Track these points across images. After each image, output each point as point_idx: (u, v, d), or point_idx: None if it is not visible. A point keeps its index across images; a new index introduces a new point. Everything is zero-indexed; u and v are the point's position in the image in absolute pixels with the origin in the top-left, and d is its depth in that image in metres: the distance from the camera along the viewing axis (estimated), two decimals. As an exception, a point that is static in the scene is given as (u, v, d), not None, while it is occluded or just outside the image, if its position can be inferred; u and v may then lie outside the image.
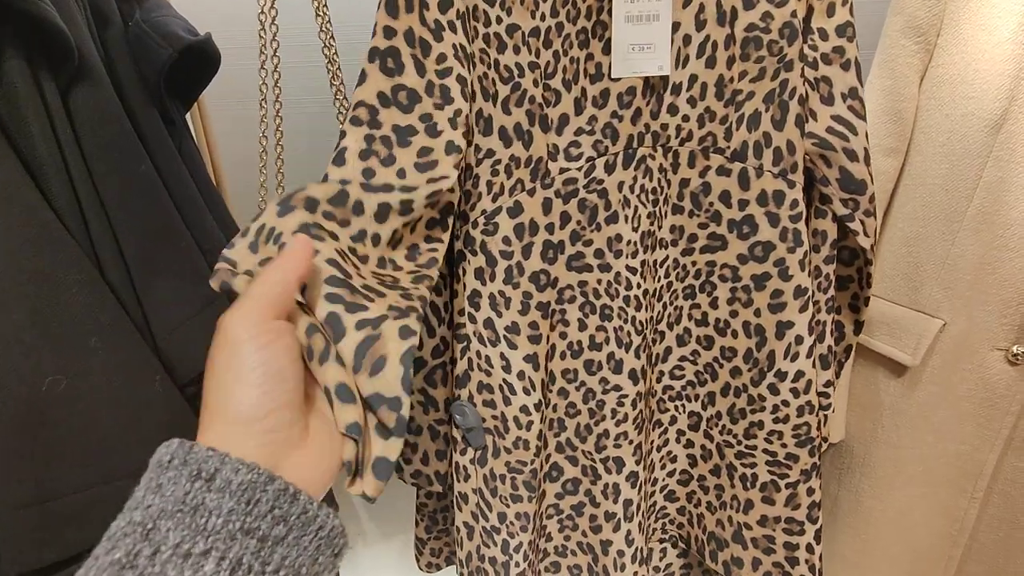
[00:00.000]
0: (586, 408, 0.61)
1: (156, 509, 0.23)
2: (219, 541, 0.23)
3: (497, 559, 0.63)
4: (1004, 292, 0.60)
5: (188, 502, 0.23)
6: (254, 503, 0.24)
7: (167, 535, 0.23)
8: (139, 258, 0.56)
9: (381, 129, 0.48)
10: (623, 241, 0.57)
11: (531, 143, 0.54)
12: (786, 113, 0.53)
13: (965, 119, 0.59)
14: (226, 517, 0.23)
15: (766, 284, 0.56)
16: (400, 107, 0.49)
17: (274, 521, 0.24)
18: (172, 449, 0.25)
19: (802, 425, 0.58)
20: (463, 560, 0.68)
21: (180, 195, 0.62)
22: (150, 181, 0.58)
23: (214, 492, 0.24)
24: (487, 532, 0.63)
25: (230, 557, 0.23)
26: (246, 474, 0.24)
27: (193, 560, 0.22)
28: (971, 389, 0.64)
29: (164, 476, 0.24)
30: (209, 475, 0.24)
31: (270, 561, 0.24)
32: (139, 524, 0.23)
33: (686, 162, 0.56)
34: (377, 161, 0.47)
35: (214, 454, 0.25)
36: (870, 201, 0.55)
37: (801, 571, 0.61)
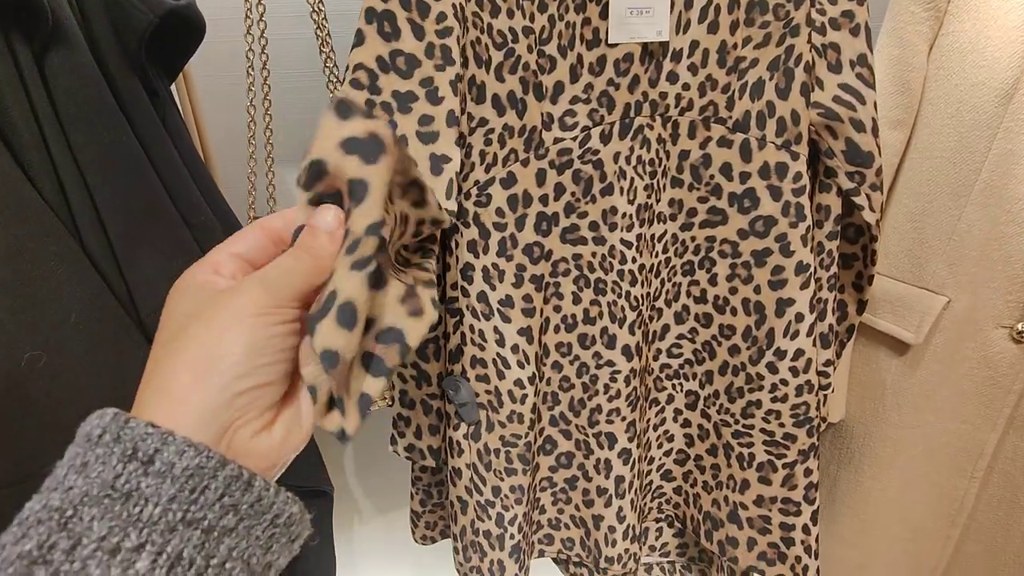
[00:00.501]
0: (580, 382, 0.60)
1: (78, 493, 0.20)
2: (155, 534, 0.19)
3: (492, 532, 0.63)
4: (1010, 268, 0.59)
5: (119, 487, 0.20)
6: (200, 491, 0.21)
7: (90, 525, 0.19)
8: (122, 232, 0.54)
9: (381, 95, 0.47)
10: (618, 214, 0.55)
11: (525, 112, 0.52)
12: (791, 81, 0.51)
13: (975, 89, 0.57)
14: (165, 506, 0.20)
15: (767, 260, 0.55)
16: (399, 72, 0.47)
17: (223, 511, 0.21)
18: (104, 421, 0.21)
19: (800, 405, 0.57)
20: (458, 534, 0.67)
21: (164, 167, 0.60)
22: (132, 152, 0.56)
23: (152, 476, 0.20)
24: (481, 506, 0.63)
25: (168, 551, 0.19)
26: (192, 458, 0.21)
27: (123, 556, 0.19)
28: (974, 368, 0.63)
29: (91, 453, 0.20)
30: (147, 456, 0.20)
31: (215, 554, 0.21)
32: (56, 510, 0.19)
33: (686, 133, 0.54)
34: None
35: (154, 432, 0.21)
36: (877, 174, 0.53)
37: (797, 552, 0.60)
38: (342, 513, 1.15)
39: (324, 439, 0.97)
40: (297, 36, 0.71)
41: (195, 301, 0.24)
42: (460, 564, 0.69)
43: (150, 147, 0.59)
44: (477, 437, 0.60)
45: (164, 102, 0.65)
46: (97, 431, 0.21)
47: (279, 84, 0.65)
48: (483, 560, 0.65)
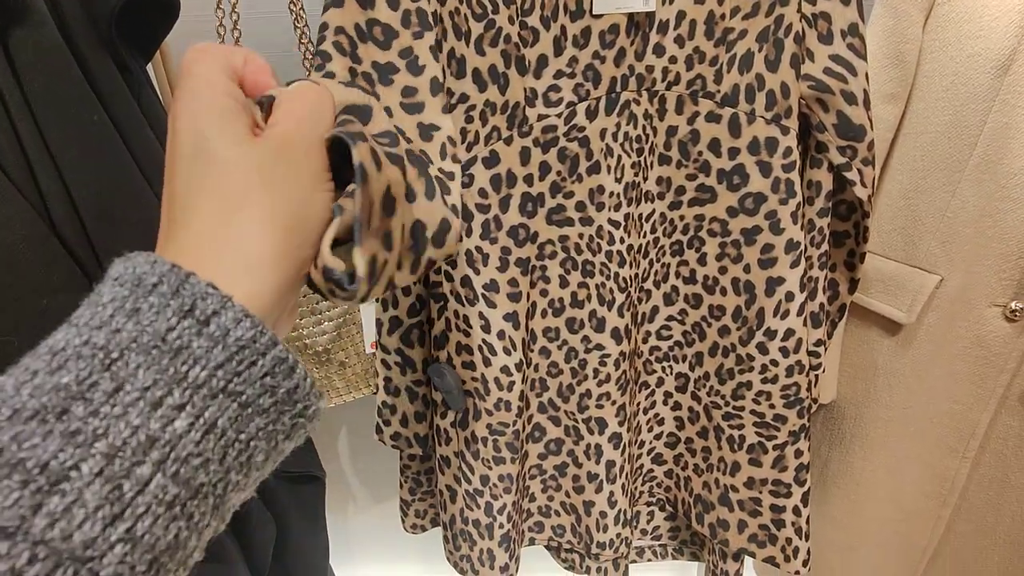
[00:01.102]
0: (568, 368, 0.59)
1: (127, 337, 0.19)
2: (197, 397, 0.19)
3: (481, 521, 0.62)
4: (1004, 246, 0.58)
5: (170, 340, 0.19)
6: (247, 365, 0.20)
7: (135, 372, 0.18)
8: (96, 215, 0.53)
9: (362, 65, 0.46)
10: (605, 193, 0.54)
11: (507, 87, 0.50)
12: (781, 53, 0.50)
13: (971, 60, 0.55)
14: (211, 371, 0.19)
15: (756, 238, 0.54)
16: (377, 43, 0.46)
17: (263, 389, 0.20)
18: (160, 270, 0.20)
19: (791, 385, 0.56)
20: (447, 523, 0.67)
21: (140, 148, 0.59)
22: (105, 131, 0.55)
23: (204, 338, 0.19)
24: (470, 495, 0.62)
25: (206, 416, 0.19)
26: (248, 329, 0.20)
27: (164, 411, 0.18)
28: (966, 347, 0.62)
29: (144, 300, 0.19)
30: (204, 316, 0.19)
31: (244, 429, 0.20)
32: (100, 348, 0.18)
33: (673, 108, 0.53)
34: None
35: (215, 293, 0.20)
36: (869, 148, 0.51)
37: (787, 534, 0.59)
38: (337, 499, 1.15)
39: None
40: (271, 13, 0.69)
41: (235, 123, 0.23)
42: (450, 553, 0.69)
43: (124, 126, 0.57)
44: (464, 425, 0.59)
45: (139, 81, 0.63)
46: (152, 278, 0.19)
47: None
48: (472, 549, 0.64)
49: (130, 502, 0.17)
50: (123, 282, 0.20)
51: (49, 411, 0.17)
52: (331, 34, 0.45)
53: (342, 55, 0.45)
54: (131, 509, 0.17)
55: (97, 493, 0.17)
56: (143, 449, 0.18)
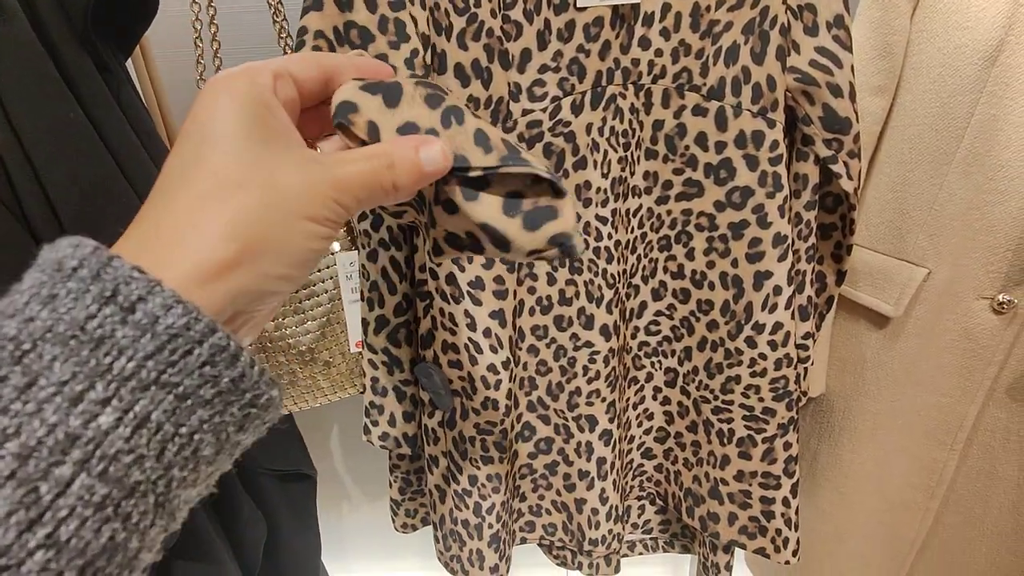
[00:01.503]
0: (557, 365, 0.59)
1: (40, 327, 0.17)
2: (124, 390, 0.17)
3: (470, 521, 0.62)
4: (991, 238, 0.58)
5: (89, 330, 0.17)
6: (181, 355, 0.18)
7: (50, 365, 0.17)
8: (75, 215, 0.52)
9: None
10: (592, 188, 0.53)
11: (491, 82, 0.49)
12: (767, 45, 0.49)
13: (958, 51, 0.55)
14: (140, 362, 0.18)
15: (744, 232, 0.53)
16: (353, 47, 0.46)
17: (202, 380, 0.19)
18: (82, 252, 0.18)
19: (780, 379, 0.56)
20: (437, 522, 0.67)
21: (120, 147, 0.58)
22: (83, 130, 0.54)
23: (130, 327, 0.18)
24: (459, 495, 0.62)
25: (136, 411, 0.18)
26: (180, 316, 0.18)
27: (85, 407, 0.17)
28: (954, 340, 0.62)
29: (62, 286, 0.18)
30: (128, 303, 0.18)
31: (185, 423, 0.19)
32: (10, 340, 0.17)
33: (659, 101, 0.52)
34: None
35: (141, 277, 0.18)
36: (854, 141, 0.51)
37: (777, 525, 0.60)
38: (329, 498, 1.15)
39: (305, 422, 0.96)
40: (248, 8, 0.68)
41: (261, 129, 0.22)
42: (441, 553, 0.68)
43: (102, 124, 0.56)
44: (452, 425, 0.59)
45: (118, 79, 0.62)
46: (71, 262, 0.18)
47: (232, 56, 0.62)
48: (462, 549, 0.64)
49: (49, 505, 0.16)
50: (43, 267, 0.18)
51: None
52: (310, 38, 0.44)
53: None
54: (51, 512, 0.16)
55: (9, 497, 0.16)
56: (61, 448, 0.16)
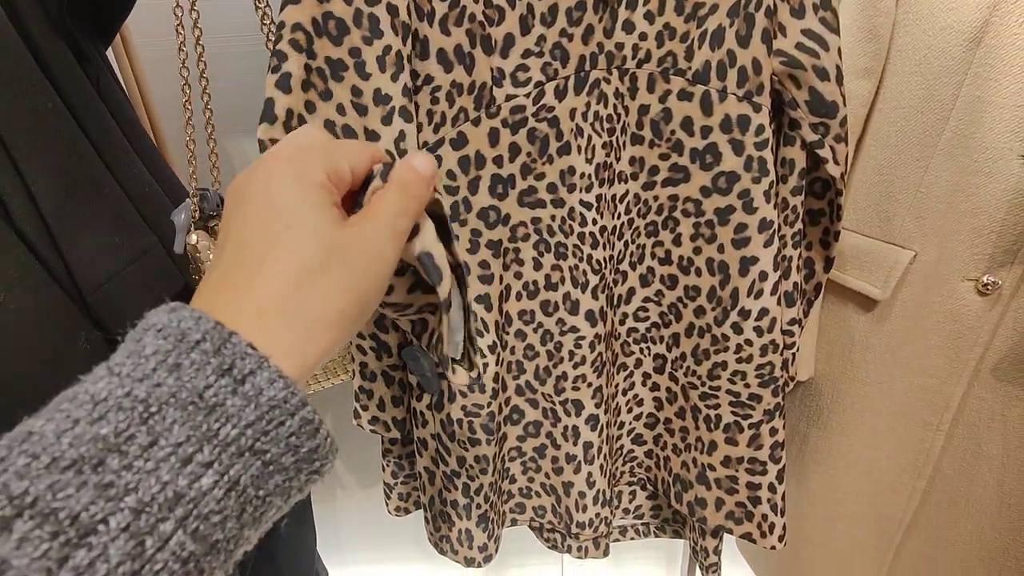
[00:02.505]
0: (544, 350, 0.59)
1: (166, 392, 0.19)
2: (225, 455, 0.19)
3: (459, 502, 0.63)
4: (976, 220, 0.58)
5: (207, 398, 0.19)
6: (276, 424, 0.20)
7: (171, 428, 0.19)
8: (56, 206, 0.51)
9: (316, 60, 0.45)
10: (576, 174, 0.53)
11: (473, 67, 0.49)
12: (752, 28, 0.49)
13: (943, 33, 0.54)
14: (242, 430, 0.19)
15: (730, 218, 0.53)
16: (330, 38, 0.45)
17: (287, 449, 0.21)
18: (205, 327, 0.20)
19: (765, 365, 0.56)
20: (427, 504, 0.67)
21: (100, 137, 0.57)
22: (62, 120, 0.53)
23: (239, 397, 0.20)
24: (447, 476, 0.62)
25: (231, 474, 0.19)
26: (280, 390, 0.20)
27: (193, 468, 0.18)
28: (940, 321, 0.63)
29: (187, 357, 0.20)
30: (241, 376, 0.20)
31: (264, 486, 0.20)
32: (141, 402, 0.18)
33: (644, 86, 0.52)
34: (316, 94, 0.45)
35: (254, 353, 0.20)
36: (841, 125, 0.51)
37: (763, 510, 0.60)
38: (323, 486, 1.15)
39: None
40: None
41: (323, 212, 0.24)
42: (431, 534, 0.69)
43: (82, 114, 0.55)
44: (440, 408, 0.59)
45: (97, 68, 0.61)
46: (195, 335, 0.20)
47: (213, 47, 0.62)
48: (451, 529, 0.65)
49: (150, 559, 0.17)
50: (167, 335, 0.20)
51: (86, 462, 0.17)
52: (288, 32, 0.44)
53: (298, 52, 0.44)
54: (150, 566, 0.17)
55: (121, 548, 0.17)
56: (169, 505, 0.18)
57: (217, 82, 0.62)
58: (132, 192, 0.60)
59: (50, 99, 0.52)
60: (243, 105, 0.69)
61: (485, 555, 0.66)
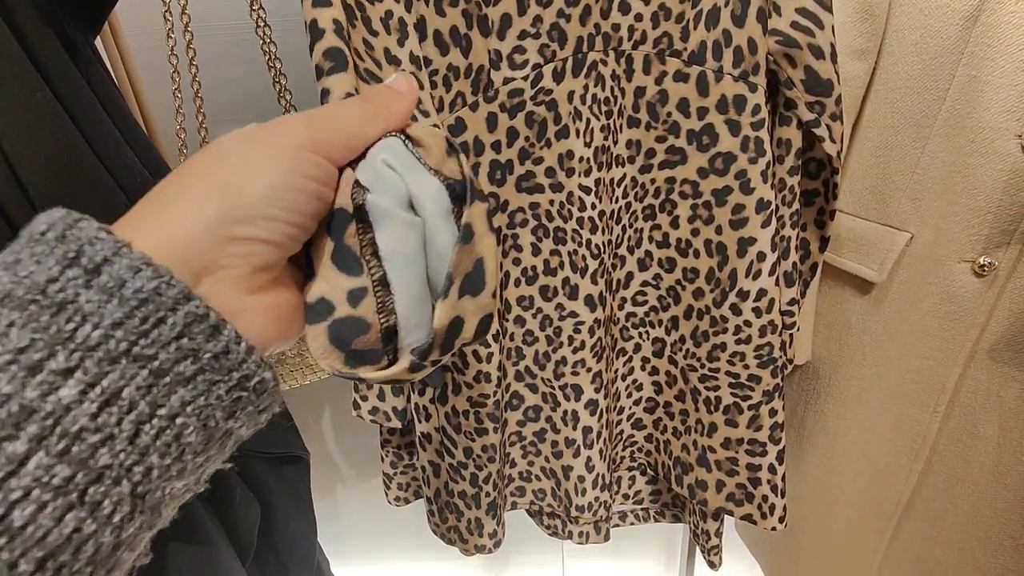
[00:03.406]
0: (543, 335, 0.59)
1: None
2: (89, 361, 0.16)
3: (467, 492, 0.63)
4: (973, 201, 0.58)
5: (51, 294, 0.16)
6: (153, 323, 0.17)
7: (7, 332, 0.15)
8: (46, 196, 0.51)
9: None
10: (575, 158, 0.53)
11: (470, 49, 0.48)
12: (747, 7, 0.48)
13: (939, 13, 0.54)
14: (107, 330, 0.16)
15: (727, 199, 0.53)
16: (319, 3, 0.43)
17: (179, 353, 0.17)
18: (52, 217, 0.17)
19: (764, 346, 0.56)
20: (431, 497, 0.67)
21: (90, 127, 0.56)
22: (52, 110, 0.52)
23: (95, 291, 0.16)
24: (454, 468, 0.62)
25: (103, 385, 0.16)
26: (149, 279, 0.17)
27: (44, 377, 0.15)
28: (936, 303, 0.63)
29: (27, 250, 0.17)
30: (92, 264, 0.16)
31: (163, 403, 0.17)
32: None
33: (641, 68, 0.52)
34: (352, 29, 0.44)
35: (108, 238, 0.17)
36: (836, 104, 0.51)
37: (763, 491, 0.61)
38: (324, 478, 1.15)
39: (296, 405, 0.96)
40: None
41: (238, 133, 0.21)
42: (436, 525, 0.69)
43: (72, 104, 0.55)
44: (444, 400, 0.59)
45: (86, 57, 0.60)
46: (41, 227, 0.17)
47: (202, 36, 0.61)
48: (460, 519, 0.65)
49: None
50: (18, 239, 0.17)
51: None
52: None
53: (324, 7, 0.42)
54: (1, 494, 0.15)
55: None
56: (14, 421, 0.15)
57: (206, 71, 0.61)
58: (123, 182, 0.59)
59: (39, 89, 0.51)
60: (234, 93, 0.69)
61: (495, 541, 0.66)
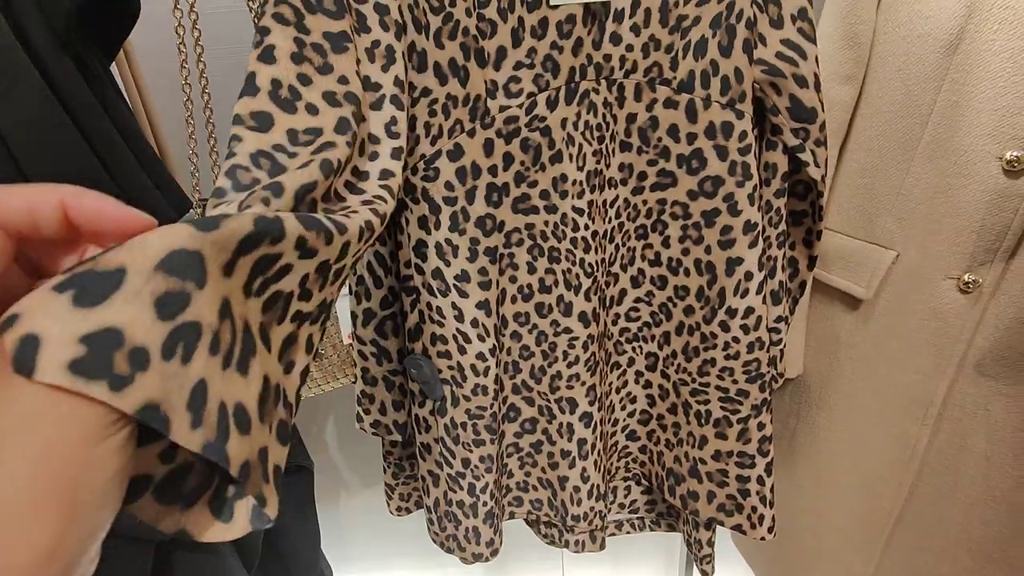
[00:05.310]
0: (539, 350, 0.61)
1: None
2: None
3: (465, 502, 0.64)
4: (956, 220, 0.60)
5: None
6: None
7: None
8: (64, 218, 0.53)
9: (311, 35, 0.43)
10: (568, 181, 0.55)
11: (468, 80, 0.51)
12: (733, 38, 0.51)
13: (921, 40, 0.56)
14: None
15: (716, 220, 0.55)
16: (328, 14, 0.43)
17: None
18: None
19: (752, 361, 0.58)
20: (431, 506, 0.69)
21: (105, 151, 0.59)
22: (69, 136, 0.55)
23: None
24: (452, 478, 0.64)
25: None
26: None
27: None
28: (923, 319, 0.65)
29: None
30: None
31: None
32: None
33: (632, 95, 0.54)
34: (313, 69, 0.42)
35: None
36: (820, 130, 0.53)
37: (752, 502, 0.62)
38: (328, 488, 1.17)
39: (301, 415, 0.98)
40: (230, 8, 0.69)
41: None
42: (436, 534, 0.71)
43: (87, 129, 0.57)
44: (443, 412, 0.61)
45: (101, 82, 0.63)
46: None
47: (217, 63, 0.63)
48: (458, 528, 0.66)
49: None
50: None
51: None
52: (271, 6, 0.42)
53: (284, 26, 0.42)
54: None
55: None
56: None
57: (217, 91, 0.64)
58: (137, 203, 0.62)
59: (57, 116, 0.54)
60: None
61: (492, 549, 0.68)
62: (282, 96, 0.40)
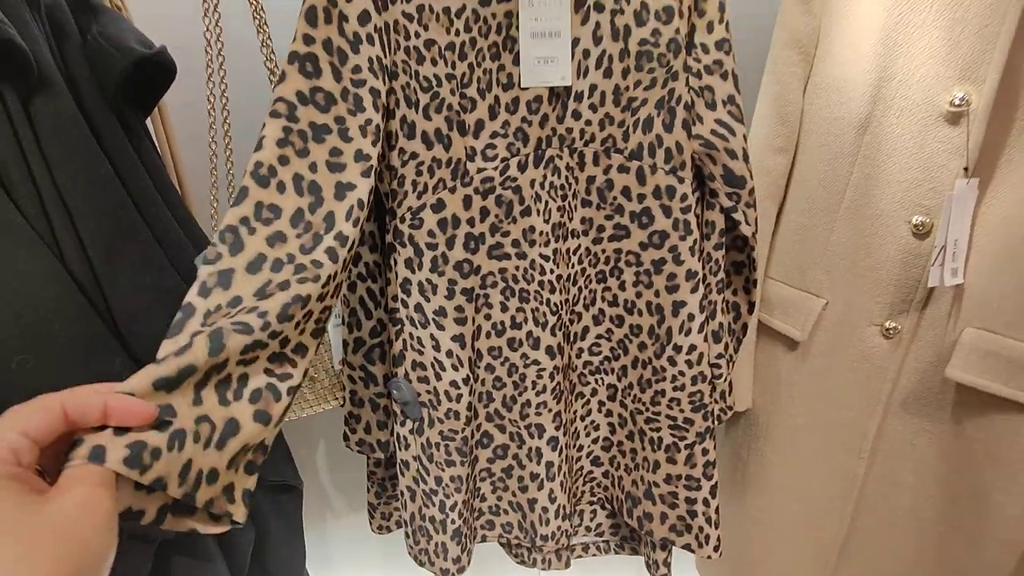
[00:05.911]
0: (510, 381, 0.68)
1: None
2: None
3: (436, 517, 0.71)
4: (877, 274, 0.69)
5: None
6: None
7: None
8: (101, 252, 0.62)
9: (298, 123, 0.51)
10: (536, 232, 0.64)
11: (451, 146, 0.60)
12: (674, 118, 0.60)
13: (838, 122, 0.66)
14: None
15: (663, 268, 0.64)
16: (317, 106, 0.52)
17: None
18: None
19: (696, 393, 0.66)
20: (407, 520, 0.75)
21: (138, 194, 0.68)
22: (110, 183, 0.64)
23: None
24: (427, 494, 0.70)
25: None
26: None
27: None
28: (853, 361, 0.73)
29: None
30: None
31: None
32: None
33: (591, 161, 0.63)
34: (293, 151, 0.51)
35: None
36: (750, 194, 0.62)
37: (699, 522, 0.69)
38: (315, 508, 1.22)
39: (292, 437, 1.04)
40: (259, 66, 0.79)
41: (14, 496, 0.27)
42: (411, 547, 0.77)
43: (125, 176, 0.66)
44: (420, 432, 0.68)
45: (139, 137, 0.73)
46: None
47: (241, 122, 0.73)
48: (429, 543, 0.72)
49: None
50: None
51: None
52: (271, 104, 0.51)
53: (276, 119, 0.50)
54: None
55: None
56: None
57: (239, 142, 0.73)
58: (162, 240, 0.70)
59: (103, 166, 0.63)
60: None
61: (459, 567, 0.73)
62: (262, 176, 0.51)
